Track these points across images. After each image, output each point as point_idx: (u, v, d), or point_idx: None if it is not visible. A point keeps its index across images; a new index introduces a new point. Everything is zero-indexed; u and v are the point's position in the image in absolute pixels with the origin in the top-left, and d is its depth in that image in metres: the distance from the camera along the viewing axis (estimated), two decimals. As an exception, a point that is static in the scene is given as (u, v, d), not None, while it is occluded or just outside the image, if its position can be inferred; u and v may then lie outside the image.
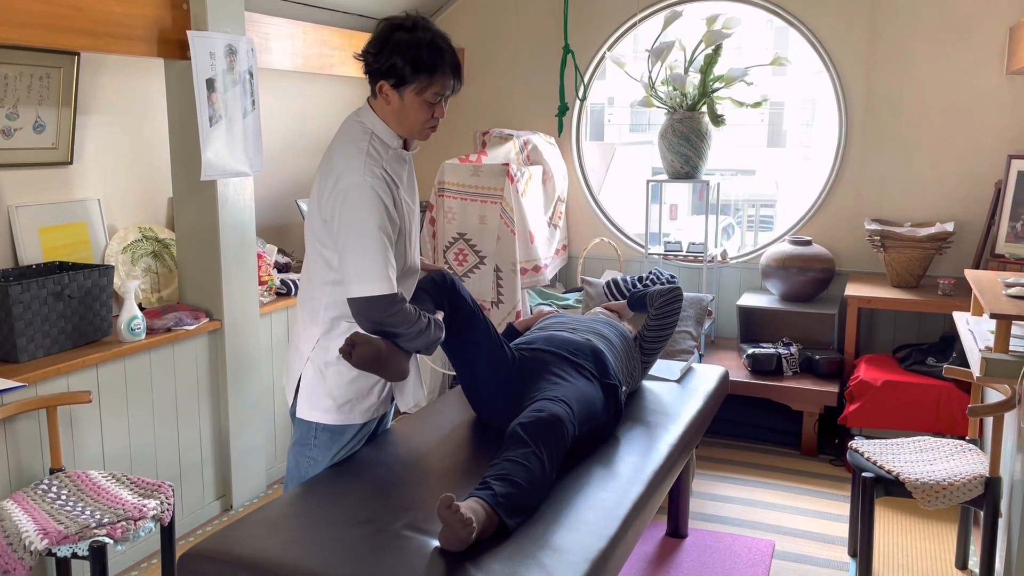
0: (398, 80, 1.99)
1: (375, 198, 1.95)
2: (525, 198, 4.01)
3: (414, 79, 1.99)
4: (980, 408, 2.48)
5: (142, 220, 3.40)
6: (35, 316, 2.67)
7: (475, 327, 2.35)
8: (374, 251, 1.94)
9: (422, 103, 2.03)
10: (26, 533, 2.21)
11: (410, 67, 1.98)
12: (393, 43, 1.98)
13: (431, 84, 2.00)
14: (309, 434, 2.17)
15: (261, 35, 3.40)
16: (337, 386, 2.13)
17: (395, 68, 1.98)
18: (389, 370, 2.02)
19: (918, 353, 3.86)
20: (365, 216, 1.94)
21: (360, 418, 2.18)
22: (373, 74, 2.03)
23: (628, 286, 3.31)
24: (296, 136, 4.21)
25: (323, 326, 2.11)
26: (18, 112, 2.87)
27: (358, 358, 1.95)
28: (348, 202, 1.95)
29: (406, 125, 2.07)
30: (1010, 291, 2.61)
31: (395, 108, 2.04)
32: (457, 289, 2.32)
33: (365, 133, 2.05)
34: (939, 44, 4.03)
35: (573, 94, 4.58)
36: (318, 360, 2.13)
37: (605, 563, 1.83)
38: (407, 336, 2.02)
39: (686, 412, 2.70)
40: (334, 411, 2.14)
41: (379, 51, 2.00)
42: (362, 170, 1.97)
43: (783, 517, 3.36)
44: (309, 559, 1.74)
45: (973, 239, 4.04)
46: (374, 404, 2.19)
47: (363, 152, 2.00)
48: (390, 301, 1.96)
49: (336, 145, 2.07)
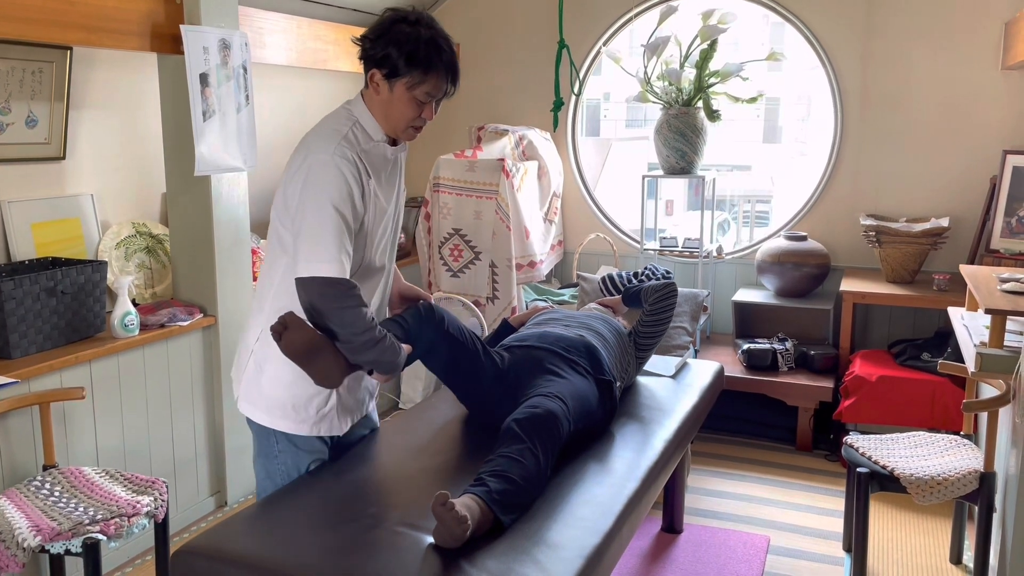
0: (391, 71, 1.93)
1: (339, 177, 1.87)
2: (520, 193, 4.00)
3: (407, 73, 1.93)
4: (975, 403, 2.48)
5: (135, 215, 3.39)
6: (28, 312, 2.66)
7: (470, 359, 2.28)
8: (329, 231, 1.83)
9: (411, 99, 1.96)
10: (19, 530, 2.20)
11: (404, 60, 1.92)
12: (393, 33, 1.93)
13: (423, 81, 1.94)
14: (270, 442, 2.07)
15: (255, 29, 3.39)
16: (272, 387, 2.02)
17: (389, 58, 1.92)
18: (317, 368, 1.85)
19: (913, 348, 3.86)
20: (325, 193, 1.85)
21: (310, 430, 2.05)
22: (367, 60, 1.97)
23: (623, 282, 3.30)
24: (290, 131, 4.19)
25: (268, 315, 1.99)
26: (10, 107, 2.85)
27: (287, 343, 1.80)
28: (310, 177, 1.87)
29: (391, 120, 1.99)
30: (1005, 286, 2.62)
31: (383, 99, 1.97)
32: (446, 327, 2.21)
33: (349, 119, 2.00)
34: (934, 39, 4.03)
35: (569, 89, 4.57)
36: (259, 353, 2.03)
37: (600, 559, 1.83)
38: (350, 341, 1.85)
39: (681, 408, 2.70)
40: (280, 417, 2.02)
41: (377, 38, 1.94)
42: (332, 149, 1.89)
43: (778, 512, 3.36)
44: (303, 555, 1.74)
45: (968, 234, 4.04)
46: (313, 419, 2.04)
47: (339, 134, 1.94)
48: (336, 286, 1.83)
49: (316, 126, 2.02)
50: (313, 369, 1.85)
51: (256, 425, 2.08)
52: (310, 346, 1.82)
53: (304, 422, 2.04)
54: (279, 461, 2.08)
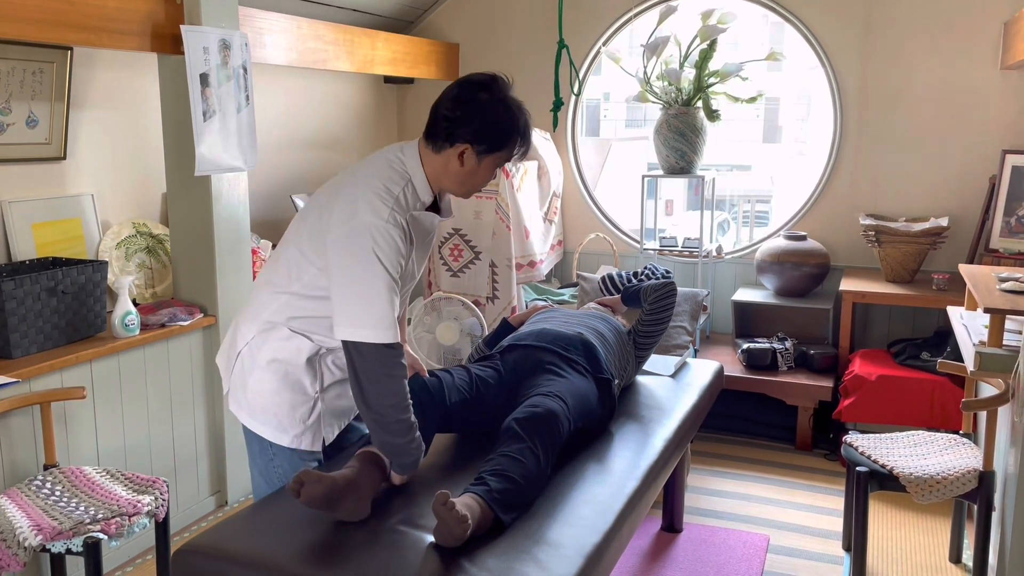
0: (489, 148, 1.92)
1: (392, 244, 1.83)
2: (520, 193, 4.00)
3: (504, 147, 1.93)
4: (974, 402, 2.49)
5: (136, 215, 3.39)
6: (28, 312, 2.66)
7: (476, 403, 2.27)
8: (383, 296, 1.82)
9: (495, 166, 1.97)
10: (20, 529, 2.20)
11: (504, 137, 1.92)
12: (488, 109, 1.91)
13: (515, 152, 1.96)
14: (263, 446, 2.06)
15: (255, 30, 3.39)
16: (256, 394, 2.01)
17: (491, 138, 1.91)
18: (343, 511, 1.82)
19: (912, 348, 3.86)
20: (378, 257, 1.81)
21: (291, 442, 2.02)
22: (454, 136, 1.91)
23: (623, 281, 3.31)
24: (290, 131, 4.20)
25: (261, 326, 2.00)
26: (11, 107, 2.86)
27: (307, 498, 1.77)
28: (361, 238, 1.82)
29: (468, 186, 1.98)
30: (1004, 285, 2.62)
31: (467, 171, 1.95)
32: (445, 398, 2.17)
33: (403, 177, 1.93)
34: (934, 39, 4.03)
35: (568, 89, 4.57)
36: (246, 360, 2.03)
37: (600, 558, 1.83)
38: (383, 416, 1.85)
39: (681, 407, 2.71)
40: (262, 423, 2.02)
41: (469, 116, 1.89)
42: (387, 215, 1.84)
43: (778, 512, 3.37)
44: (304, 554, 1.74)
45: (967, 234, 4.05)
46: (296, 431, 2.02)
47: (392, 196, 1.88)
48: (391, 354, 1.83)
49: (367, 173, 1.93)
50: (339, 512, 1.83)
51: (246, 428, 2.08)
52: (330, 494, 1.79)
53: (286, 432, 2.02)
54: (275, 464, 2.06)
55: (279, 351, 1.99)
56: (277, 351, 1.99)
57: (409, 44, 4.44)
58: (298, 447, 2.03)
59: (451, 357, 3.85)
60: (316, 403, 2.03)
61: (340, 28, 3.93)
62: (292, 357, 1.99)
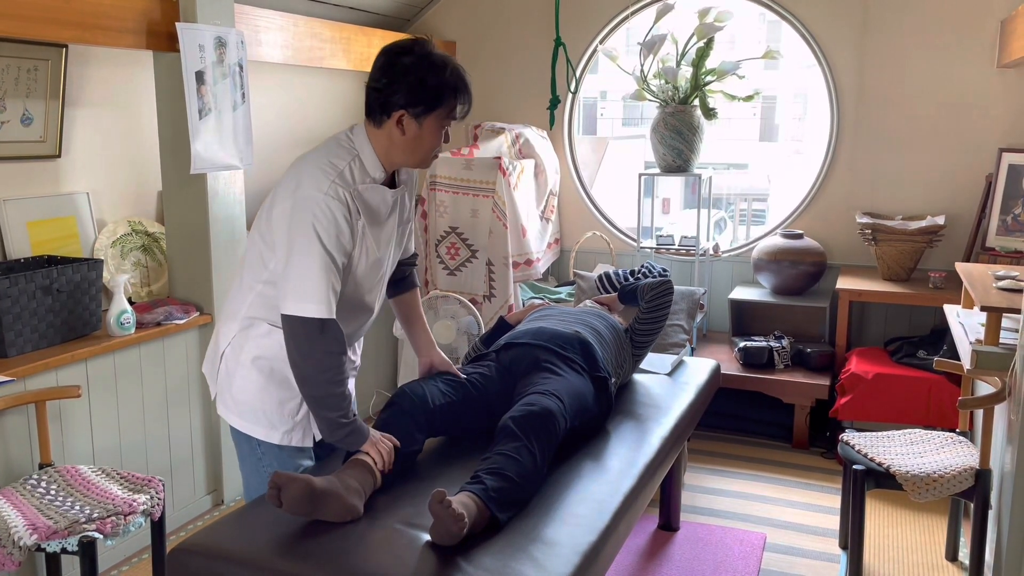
0: (424, 107, 1.89)
1: (330, 216, 1.83)
2: (517, 192, 4.00)
3: (440, 104, 1.90)
4: (970, 400, 2.49)
5: (131, 214, 3.38)
6: (23, 310, 2.65)
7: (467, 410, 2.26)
8: (317, 271, 1.82)
9: (439, 128, 1.94)
10: (15, 528, 2.20)
11: (435, 93, 1.88)
12: (412, 70, 1.87)
13: (454, 106, 1.92)
14: (251, 445, 2.04)
15: (251, 27, 3.38)
16: (243, 392, 2.00)
17: (419, 96, 1.87)
18: (330, 511, 1.81)
19: (909, 346, 3.87)
20: (315, 232, 1.82)
21: (281, 439, 2.01)
22: (390, 106, 1.89)
23: (620, 279, 3.31)
24: (286, 129, 4.19)
25: (240, 323, 2.00)
26: (5, 105, 2.84)
27: (287, 500, 1.75)
28: (300, 212, 1.83)
29: (418, 154, 1.96)
30: (1000, 284, 2.62)
31: (410, 138, 1.93)
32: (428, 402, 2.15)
33: (349, 152, 1.94)
34: (930, 38, 4.04)
35: (565, 87, 4.57)
36: (230, 360, 2.02)
37: (596, 556, 1.83)
38: (317, 389, 1.86)
39: (677, 405, 2.71)
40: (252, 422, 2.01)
41: (395, 80, 1.87)
42: (326, 188, 1.85)
43: (774, 510, 3.37)
44: (300, 554, 1.74)
45: (964, 232, 4.05)
46: (285, 427, 2.01)
47: (335, 170, 1.88)
48: (322, 328, 1.83)
49: (315, 152, 1.95)
50: (327, 513, 1.81)
51: (233, 429, 2.06)
52: (309, 492, 1.77)
53: (275, 429, 2.01)
54: (264, 463, 2.04)
55: (262, 347, 1.98)
56: (260, 348, 1.98)
57: (406, 42, 4.42)
58: (289, 443, 2.02)
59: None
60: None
61: (336, 26, 3.92)
62: (276, 352, 1.97)
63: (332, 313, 1.85)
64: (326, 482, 1.82)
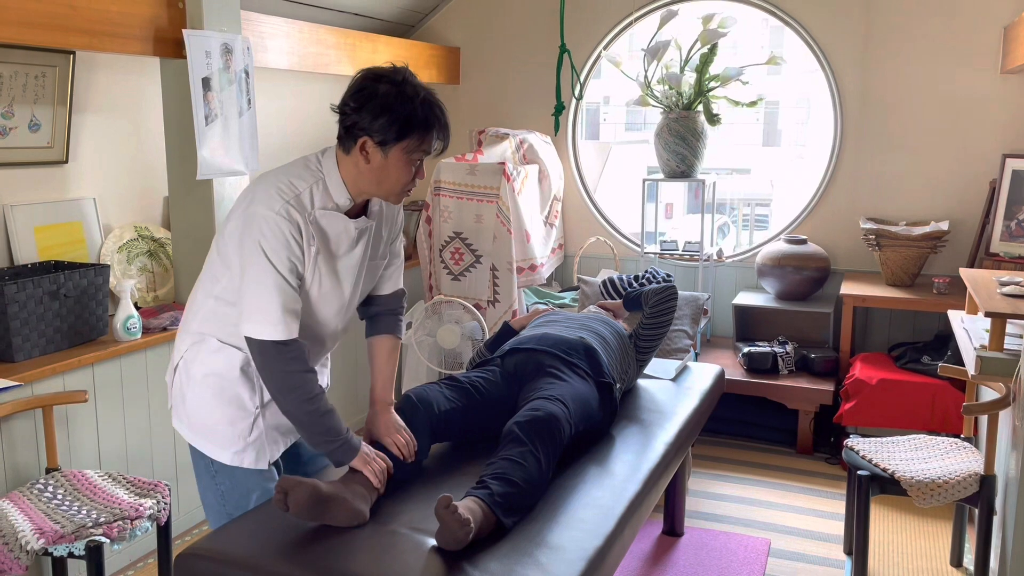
0: (387, 138, 1.79)
1: (281, 237, 1.77)
2: (521, 197, 4.01)
3: (406, 136, 1.80)
4: (975, 406, 2.49)
5: (138, 219, 3.40)
6: (31, 315, 2.66)
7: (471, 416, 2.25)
8: (271, 292, 1.77)
9: (407, 162, 1.83)
10: (22, 533, 2.20)
11: (402, 124, 1.78)
12: (382, 97, 1.78)
13: (423, 142, 1.82)
14: (205, 462, 1.98)
15: (257, 34, 3.40)
16: (195, 408, 1.95)
17: (384, 124, 1.78)
18: (337, 516, 1.80)
19: (913, 352, 3.87)
20: (266, 252, 1.77)
21: (232, 459, 1.94)
22: (355, 129, 1.81)
23: (624, 285, 3.31)
24: (292, 135, 4.20)
25: (192, 337, 1.95)
26: (13, 111, 2.86)
27: (294, 505, 1.75)
28: (251, 230, 1.78)
29: (385, 185, 1.86)
30: (1005, 289, 2.62)
31: (375, 167, 1.83)
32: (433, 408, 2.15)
33: (313, 176, 1.86)
34: (934, 43, 4.04)
35: (569, 93, 4.58)
36: (182, 374, 1.96)
37: (601, 561, 1.84)
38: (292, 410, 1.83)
39: (682, 411, 2.71)
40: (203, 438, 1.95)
41: (363, 105, 1.78)
42: (279, 207, 1.78)
43: (779, 515, 3.37)
44: (306, 558, 1.74)
45: (968, 238, 4.05)
46: (237, 447, 1.93)
47: (294, 192, 1.81)
48: (281, 350, 1.79)
49: (278, 170, 1.88)
50: (333, 517, 1.81)
51: (190, 445, 2.00)
52: (317, 500, 1.77)
53: (225, 449, 1.94)
54: (217, 482, 1.98)
55: (212, 364, 1.92)
56: (210, 364, 1.92)
57: (410, 48, 4.45)
58: (240, 464, 1.95)
59: (452, 361, 3.85)
60: (257, 419, 1.95)
61: (341, 32, 3.94)
62: (225, 370, 1.92)
63: (290, 334, 1.80)
64: (332, 487, 1.82)
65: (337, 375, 3.47)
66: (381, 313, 2.15)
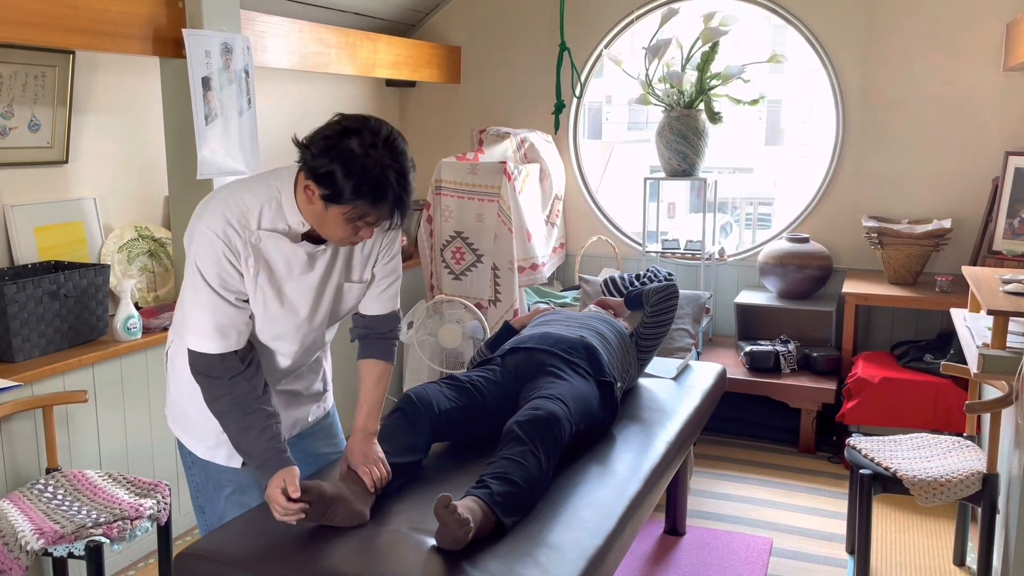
0: (330, 194, 1.68)
1: (211, 255, 1.75)
2: (522, 196, 4.00)
3: (349, 202, 1.68)
4: (978, 404, 2.48)
5: (138, 219, 3.39)
6: (31, 315, 2.66)
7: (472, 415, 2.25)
8: (204, 306, 1.77)
9: (346, 223, 1.73)
10: (22, 533, 2.20)
11: (350, 189, 1.66)
12: (341, 150, 1.66)
13: (366, 214, 1.71)
14: (184, 451, 2.00)
15: (257, 33, 3.39)
16: (176, 401, 1.98)
17: (331, 178, 1.67)
18: (338, 514, 1.80)
19: (916, 350, 3.86)
20: (198, 268, 1.76)
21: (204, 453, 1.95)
22: (306, 169, 1.71)
23: (625, 284, 3.30)
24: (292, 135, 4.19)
25: (177, 331, 1.95)
26: (13, 111, 2.86)
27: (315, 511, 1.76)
28: (191, 245, 1.78)
29: (322, 231, 1.78)
30: (1007, 287, 2.61)
31: (316, 212, 1.74)
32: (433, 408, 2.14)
33: (268, 195, 1.79)
34: (936, 41, 4.03)
35: (570, 92, 4.58)
36: (168, 367, 2.01)
37: (602, 561, 1.83)
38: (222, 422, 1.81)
39: (683, 410, 2.70)
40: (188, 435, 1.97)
41: (322, 152, 1.68)
42: (217, 225, 1.74)
43: (781, 514, 3.36)
44: (306, 559, 1.74)
45: (970, 236, 4.04)
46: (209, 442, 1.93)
47: (241, 210, 1.77)
48: (211, 361, 1.78)
49: (242, 182, 1.84)
50: (334, 518, 1.80)
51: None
52: (318, 500, 1.77)
53: (201, 442, 1.96)
54: (192, 473, 2.00)
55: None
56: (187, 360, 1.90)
57: (411, 47, 4.44)
58: (212, 460, 1.96)
59: (453, 360, 3.85)
60: None
61: (342, 31, 3.94)
62: None
63: (224, 347, 1.78)
64: (334, 487, 1.82)
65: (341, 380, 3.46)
66: (369, 336, 2.04)
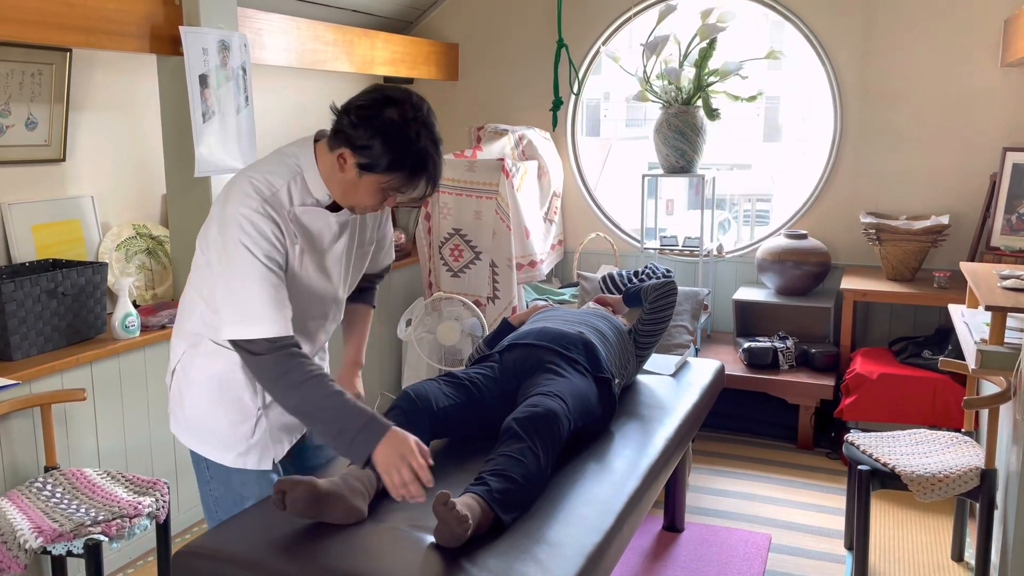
0: (368, 165, 1.72)
1: (260, 230, 1.72)
2: (520, 193, 4.00)
3: (387, 173, 1.72)
4: (976, 400, 2.49)
5: (136, 217, 3.39)
6: (29, 314, 2.66)
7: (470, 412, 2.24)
8: (259, 287, 1.72)
9: (379, 192, 1.77)
10: (21, 531, 2.20)
11: (389, 161, 1.70)
12: (382, 123, 1.69)
13: (404, 185, 1.75)
14: (201, 467, 1.95)
15: (254, 31, 3.39)
16: (194, 412, 1.91)
17: (370, 150, 1.70)
18: (335, 511, 1.78)
19: (914, 346, 3.86)
20: (246, 248, 1.72)
21: (235, 461, 1.91)
22: (342, 138, 1.73)
23: (624, 281, 3.31)
24: (290, 132, 4.19)
25: (188, 340, 1.90)
26: (10, 109, 2.85)
27: (291, 503, 1.71)
28: (230, 231, 1.72)
29: (348, 200, 1.81)
30: (1005, 283, 2.62)
31: (347, 179, 1.77)
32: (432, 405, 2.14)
33: (291, 171, 1.80)
34: (934, 37, 4.03)
35: (568, 89, 4.57)
36: (180, 378, 1.92)
37: (601, 557, 1.83)
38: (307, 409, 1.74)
39: (682, 406, 2.70)
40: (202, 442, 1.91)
41: (361, 121, 1.70)
42: (256, 205, 1.73)
43: (779, 511, 3.36)
44: (305, 556, 1.74)
45: (968, 232, 4.04)
46: (239, 448, 1.90)
47: (271, 190, 1.77)
48: (280, 344, 1.73)
49: (255, 167, 1.83)
50: (331, 515, 1.78)
51: (191, 450, 1.96)
52: (314, 497, 1.74)
53: (228, 450, 1.91)
54: (211, 487, 1.96)
55: (210, 367, 1.88)
56: (208, 367, 1.88)
57: (408, 44, 4.44)
58: (243, 467, 1.92)
59: (452, 357, 3.85)
60: (260, 419, 1.91)
61: (339, 29, 3.93)
62: (224, 372, 1.88)
63: (283, 330, 1.74)
64: (330, 484, 1.81)
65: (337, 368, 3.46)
66: (366, 288, 2.19)
